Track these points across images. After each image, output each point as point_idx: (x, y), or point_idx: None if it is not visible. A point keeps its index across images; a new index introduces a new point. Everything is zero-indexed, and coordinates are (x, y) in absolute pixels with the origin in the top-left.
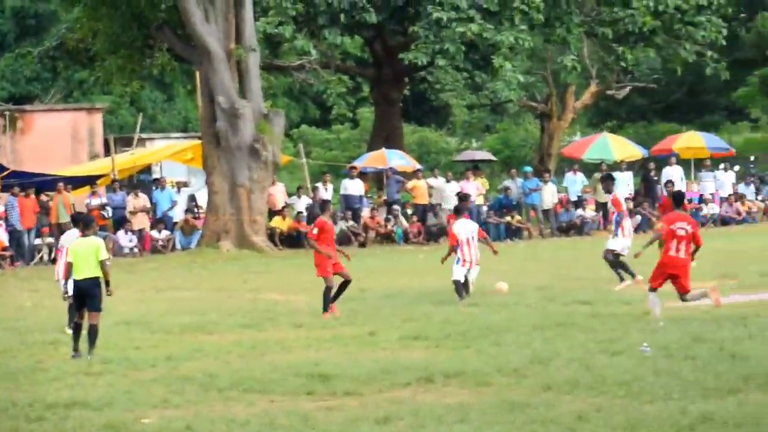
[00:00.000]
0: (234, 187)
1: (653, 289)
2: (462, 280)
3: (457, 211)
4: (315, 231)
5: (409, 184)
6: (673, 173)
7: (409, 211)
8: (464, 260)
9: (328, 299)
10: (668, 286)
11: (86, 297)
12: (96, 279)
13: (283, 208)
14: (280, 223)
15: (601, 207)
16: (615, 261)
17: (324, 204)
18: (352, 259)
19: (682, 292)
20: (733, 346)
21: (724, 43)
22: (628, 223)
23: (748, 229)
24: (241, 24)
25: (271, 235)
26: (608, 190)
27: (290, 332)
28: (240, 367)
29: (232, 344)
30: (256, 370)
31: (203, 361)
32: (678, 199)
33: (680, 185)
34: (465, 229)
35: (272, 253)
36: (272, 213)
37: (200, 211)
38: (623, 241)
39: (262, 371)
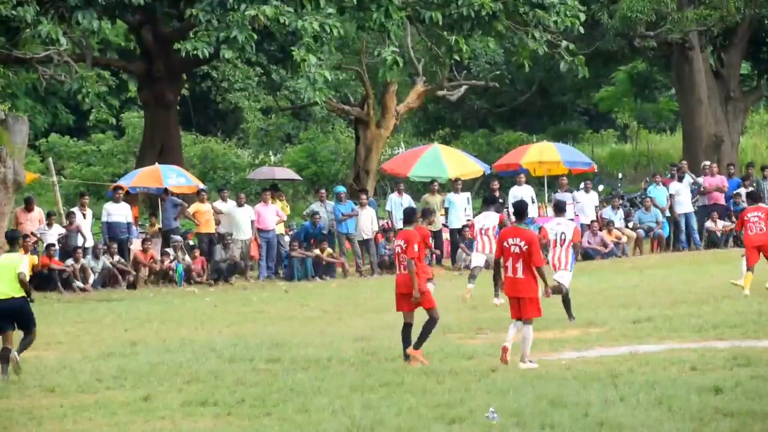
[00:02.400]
0: None
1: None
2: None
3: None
4: (416, 248)
5: (191, 209)
6: (522, 194)
7: (192, 243)
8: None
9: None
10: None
11: None
12: None
13: (25, 237)
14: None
15: (432, 236)
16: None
17: (412, 212)
18: (117, 305)
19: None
20: (601, 412)
21: (582, 31)
22: None
23: (617, 264)
24: None
25: None
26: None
27: (41, 398)
28: None
29: None
30: None
31: None
32: (520, 210)
33: (530, 208)
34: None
35: None
36: None
37: None
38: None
39: None
